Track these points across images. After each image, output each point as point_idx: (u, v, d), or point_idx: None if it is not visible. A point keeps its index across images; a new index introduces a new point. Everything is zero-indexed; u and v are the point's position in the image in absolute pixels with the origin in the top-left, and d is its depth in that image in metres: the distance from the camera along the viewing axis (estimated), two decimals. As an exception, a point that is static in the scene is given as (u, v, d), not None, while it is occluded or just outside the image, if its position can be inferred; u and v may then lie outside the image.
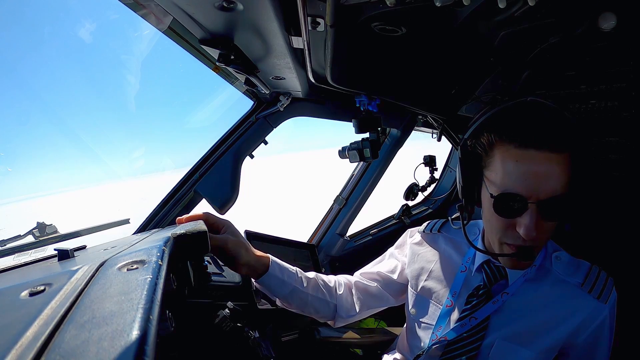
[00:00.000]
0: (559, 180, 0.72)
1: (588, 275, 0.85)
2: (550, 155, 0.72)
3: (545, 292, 0.86)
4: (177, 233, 0.68)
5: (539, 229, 0.74)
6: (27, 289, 0.43)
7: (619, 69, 1.05)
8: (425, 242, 1.10)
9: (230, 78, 1.45)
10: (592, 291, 0.82)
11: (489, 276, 0.91)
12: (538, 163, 0.72)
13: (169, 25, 1.05)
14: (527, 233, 0.73)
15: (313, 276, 1.09)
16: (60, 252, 0.72)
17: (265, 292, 1.01)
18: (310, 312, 1.09)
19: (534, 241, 0.77)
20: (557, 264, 0.88)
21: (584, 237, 1.25)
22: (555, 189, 0.72)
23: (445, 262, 1.03)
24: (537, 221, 0.73)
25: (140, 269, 0.44)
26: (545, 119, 0.74)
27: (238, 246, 0.90)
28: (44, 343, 0.31)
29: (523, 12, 0.87)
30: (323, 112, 1.73)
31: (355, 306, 1.12)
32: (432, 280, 1.03)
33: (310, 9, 0.74)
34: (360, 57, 1.07)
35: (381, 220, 2.28)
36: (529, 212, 0.73)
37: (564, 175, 0.73)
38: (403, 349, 1.12)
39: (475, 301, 0.90)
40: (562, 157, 0.72)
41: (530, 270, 0.87)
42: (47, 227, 1.18)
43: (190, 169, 1.62)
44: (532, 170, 0.72)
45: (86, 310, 0.36)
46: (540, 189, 0.72)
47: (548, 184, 0.72)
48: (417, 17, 0.83)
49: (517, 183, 0.73)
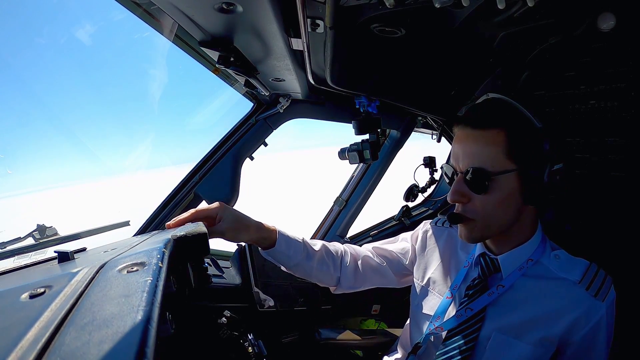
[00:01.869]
0: (482, 155, 0.81)
1: (586, 273, 0.85)
2: (472, 132, 0.83)
3: (541, 288, 0.87)
4: (178, 235, 0.68)
5: (464, 198, 0.84)
6: (27, 292, 0.43)
7: (619, 69, 1.05)
8: (436, 236, 1.12)
9: (230, 80, 1.46)
10: (590, 288, 0.83)
11: (483, 268, 0.93)
12: (464, 139, 0.85)
13: (170, 29, 1.05)
14: (450, 196, 0.86)
15: (320, 247, 1.10)
16: (60, 254, 0.72)
17: (271, 260, 1.04)
18: (313, 281, 1.12)
19: (464, 209, 0.86)
20: (555, 262, 0.89)
21: (584, 237, 1.25)
22: (473, 161, 0.82)
23: (451, 256, 1.06)
24: (460, 188, 0.84)
25: (140, 271, 0.44)
26: (481, 106, 0.88)
27: (237, 232, 0.93)
28: (44, 345, 0.31)
29: (522, 13, 0.87)
30: (323, 114, 1.73)
31: (359, 280, 1.15)
32: (437, 273, 1.05)
33: (309, 11, 0.75)
34: (359, 58, 1.07)
35: (381, 221, 2.28)
36: (455, 181, 0.85)
37: (489, 151, 0.80)
38: (405, 344, 1.13)
39: (472, 292, 0.92)
40: (486, 133, 0.81)
41: (527, 265, 0.89)
42: (47, 229, 1.18)
43: (190, 170, 1.62)
44: (459, 145, 0.85)
45: (86, 313, 0.36)
46: (460, 161, 0.85)
47: (467, 157, 0.83)
48: (417, 19, 0.83)
49: (453, 157, 0.88)
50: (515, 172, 0.80)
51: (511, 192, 0.81)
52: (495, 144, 0.80)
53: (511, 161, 0.80)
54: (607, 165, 1.17)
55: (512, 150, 0.80)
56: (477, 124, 0.83)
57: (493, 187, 0.81)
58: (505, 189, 0.81)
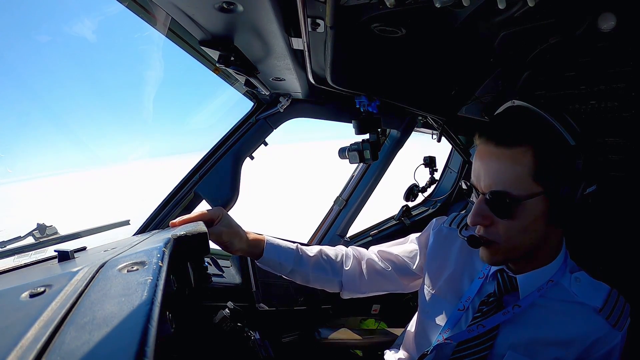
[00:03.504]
0: (506, 175, 0.74)
1: (607, 300, 0.82)
2: (496, 149, 0.75)
3: (560, 311, 0.84)
4: (178, 234, 0.68)
5: (486, 220, 0.78)
6: (28, 291, 0.43)
7: (619, 69, 1.05)
8: (449, 239, 1.06)
9: (230, 79, 1.45)
10: (610, 318, 0.80)
11: (500, 285, 0.89)
12: (486, 156, 0.77)
13: (168, 27, 1.05)
14: (470, 219, 0.79)
15: (316, 252, 1.08)
16: (60, 253, 0.72)
17: (266, 269, 1.05)
18: (315, 287, 1.11)
19: (486, 232, 0.80)
20: (576, 286, 0.85)
21: (584, 238, 1.25)
22: (496, 183, 0.74)
23: (466, 264, 1.00)
24: (482, 211, 0.77)
25: (140, 271, 0.44)
26: (505, 118, 0.81)
27: (231, 236, 0.96)
28: (44, 345, 0.31)
29: (523, 13, 0.87)
30: (323, 113, 1.73)
31: (364, 284, 1.12)
32: (450, 281, 1.01)
33: (310, 10, 0.75)
34: (360, 58, 1.07)
35: (381, 221, 2.28)
36: (477, 202, 0.78)
37: (514, 171, 0.73)
38: (409, 348, 1.10)
39: (486, 309, 0.88)
40: (511, 152, 0.73)
41: (546, 286, 0.85)
42: (48, 228, 1.18)
43: (190, 170, 1.62)
44: (481, 162, 0.78)
45: (86, 312, 0.36)
46: (482, 181, 0.77)
47: (490, 177, 0.76)
48: (417, 18, 0.83)
49: (473, 173, 0.81)
50: (543, 195, 0.73)
51: (538, 215, 0.75)
52: (521, 164, 0.72)
53: (538, 183, 0.72)
54: (607, 165, 1.17)
55: (540, 171, 0.72)
56: (501, 140, 0.74)
57: (518, 212, 0.74)
58: (531, 214, 0.74)
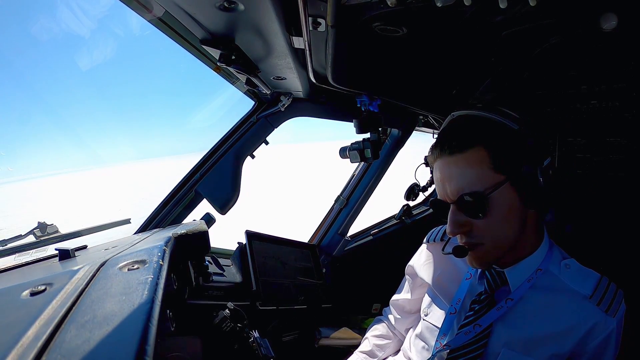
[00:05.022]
0: (468, 177, 0.77)
1: (597, 287, 0.82)
2: (450, 158, 0.80)
3: (551, 301, 0.84)
4: (178, 233, 0.68)
5: (464, 227, 0.80)
6: (28, 289, 0.43)
7: (620, 69, 1.05)
8: (432, 253, 1.12)
9: (231, 78, 1.45)
10: (601, 304, 0.80)
11: (490, 282, 0.90)
12: (444, 168, 0.81)
13: (170, 26, 1.05)
14: (448, 230, 0.82)
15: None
16: (61, 252, 0.72)
17: None
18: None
19: (469, 238, 0.82)
20: (565, 272, 0.85)
21: (584, 238, 1.25)
22: (461, 187, 0.78)
23: (451, 269, 1.03)
24: (457, 218, 0.80)
25: (141, 269, 0.45)
26: (450, 129, 0.85)
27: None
28: (45, 343, 0.31)
29: (524, 13, 0.87)
30: (324, 112, 1.73)
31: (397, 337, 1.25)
32: (439, 286, 1.03)
33: (311, 9, 0.74)
34: (361, 57, 1.07)
35: (382, 220, 2.28)
36: (450, 213, 0.81)
37: (475, 171, 0.77)
38: (409, 354, 1.10)
39: (478, 307, 0.89)
40: (465, 155, 0.78)
41: (536, 275, 0.85)
42: (48, 226, 1.18)
43: (191, 169, 1.62)
44: (441, 174, 0.82)
45: (87, 310, 0.36)
46: (447, 190, 0.81)
47: (454, 184, 0.79)
48: (418, 18, 0.83)
49: (438, 189, 0.84)
50: (508, 182, 0.77)
51: (511, 203, 0.78)
52: (477, 161, 0.77)
53: (500, 173, 0.76)
54: (608, 165, 1.17)
55: (497, 161, 0.76)
56: (453, 149, 0.79)
57: (491, 207, 0.77)
58: (504, 203, 0.77)
